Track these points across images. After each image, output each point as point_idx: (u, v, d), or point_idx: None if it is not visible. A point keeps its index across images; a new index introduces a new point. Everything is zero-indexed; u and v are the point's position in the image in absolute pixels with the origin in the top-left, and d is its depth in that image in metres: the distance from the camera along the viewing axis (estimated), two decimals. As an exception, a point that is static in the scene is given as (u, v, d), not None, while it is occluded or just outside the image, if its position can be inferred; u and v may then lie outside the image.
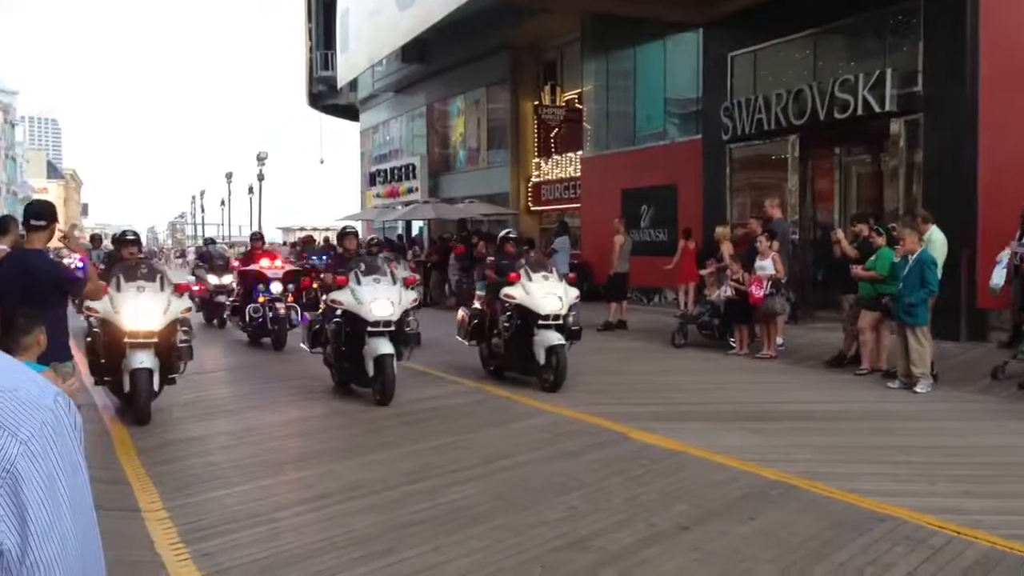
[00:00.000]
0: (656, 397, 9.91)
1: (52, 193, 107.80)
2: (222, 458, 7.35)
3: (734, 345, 12.95)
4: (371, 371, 9.32)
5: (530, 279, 10.50)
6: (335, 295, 9.79)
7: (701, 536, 5.30)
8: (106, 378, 8.93)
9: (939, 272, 10.04)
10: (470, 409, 9.41)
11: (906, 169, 14.35)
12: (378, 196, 35.32)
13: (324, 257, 17.47)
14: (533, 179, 26.96)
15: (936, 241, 10.36)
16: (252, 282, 15.17)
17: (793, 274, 14.37)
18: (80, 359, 8.82)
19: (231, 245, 49.93)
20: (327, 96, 39.99)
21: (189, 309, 9.30)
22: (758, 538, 5.22)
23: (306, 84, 41.73)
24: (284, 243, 57.36)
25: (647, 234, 20.34)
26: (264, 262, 15.44)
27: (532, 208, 27.00)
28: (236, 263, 17.66)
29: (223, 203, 55.17)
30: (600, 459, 7.08)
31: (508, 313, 10.49)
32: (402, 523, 5.54)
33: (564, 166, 25.57)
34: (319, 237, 41.94)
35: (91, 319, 9.26)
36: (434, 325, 14.07)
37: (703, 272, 15.04)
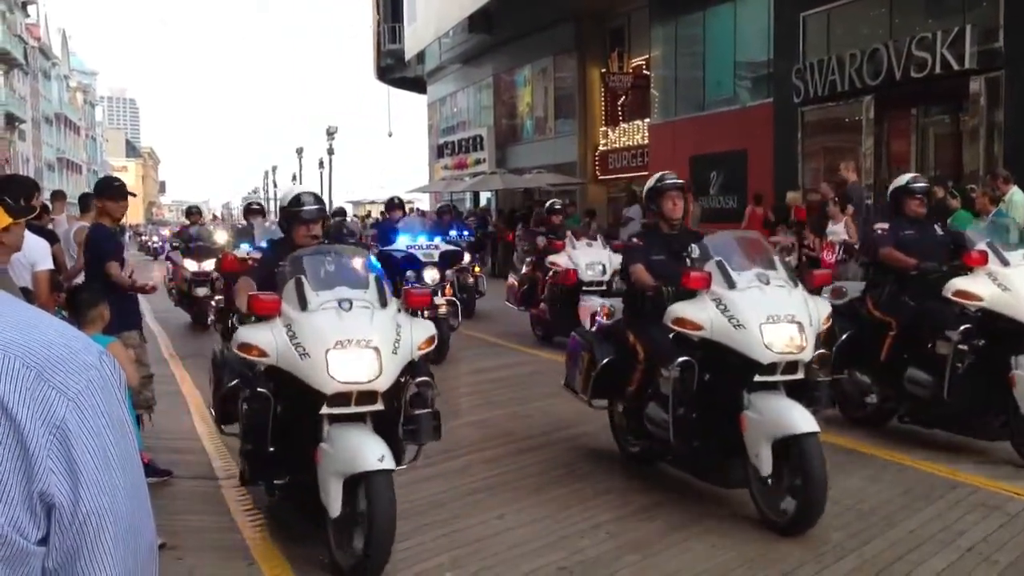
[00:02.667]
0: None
1: (131, 171, 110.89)
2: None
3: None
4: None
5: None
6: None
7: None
8: (276, 481, 4.94)
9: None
10: (529, 379, 9.44)
11: (986, 129, 13.84)
12: (446, 168, 35.46)
13: (465, 232, 16.64)
14: (600, 148, 26.74)
15: (1018, 203, 10.00)
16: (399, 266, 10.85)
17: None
18: (195, 401, 8.45)
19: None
20: (395, 69, 40.15)
21: (431, 340, 4.85)
22: (829, 506, 5.15)
23: (374, 58, 41.95)
24: (356, 216, 57.99)
25: (716, 201, 20.05)
26: (405, 237, 11.54)
27: (600, 177, 26.79)
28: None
29: (294, 178, 55.95)
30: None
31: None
32: (466, 491, 5.62)
33: (631, 134, 25.29)
34: (377, 211, 42.17)
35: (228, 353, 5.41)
36: (499, 296, 13.84)
37: (773, 240, 14.78)
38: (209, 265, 13.08)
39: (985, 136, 13.87)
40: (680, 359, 5.14)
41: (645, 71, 24.31)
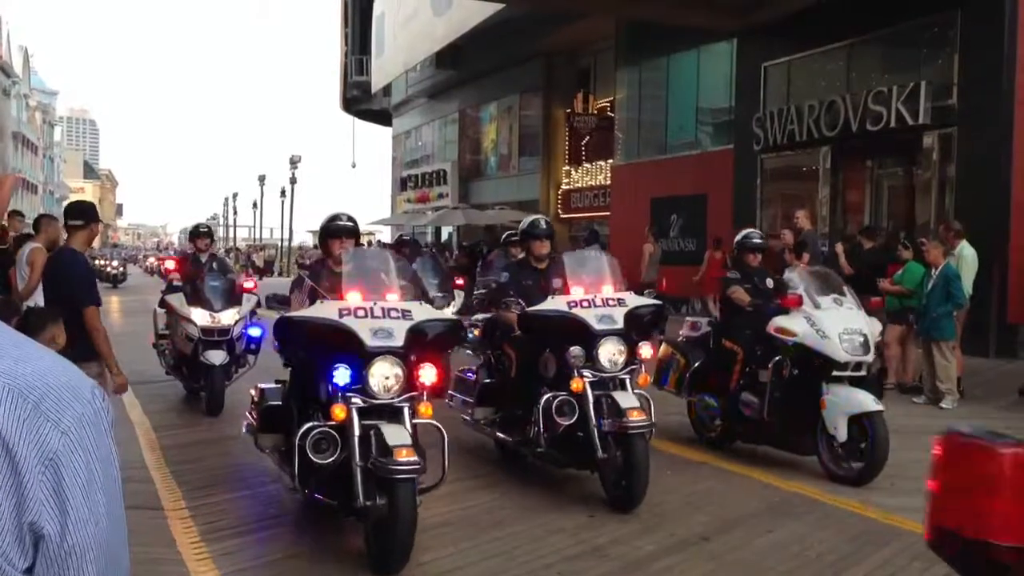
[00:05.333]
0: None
1: (88, 193, 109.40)
2: (245, 459, 7.41)
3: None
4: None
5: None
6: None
7: (720, 546, 5.29)
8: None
9: (968, 287, 9.93)
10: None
11: (938, 183, 14.20)
12: (409, 201, 35.49)
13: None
14: (563, 187, 26.97)
15: (967, 256, 10.25)
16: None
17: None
18: (144, 428, 8.29)
19: (261, 247, 49.66)
20: (361, 101, 40.27)
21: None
22: (776, 551, 5.20)
23: (340, 88, 42.05)
24: (315, 246, 57.59)
25: (676, 243, 20.28)
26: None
27: (562, 216, 27.00)
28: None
29: (255, 205, 55.65)
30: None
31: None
32: (423, 526, 5.57)
33: (594, 174, 25.56)
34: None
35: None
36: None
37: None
38: (229, 316, 9.17)
39: (937, 190, 14.22)
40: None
41: (610, 112, 24.64)
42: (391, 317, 5.03)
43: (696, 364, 7.80)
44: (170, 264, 11.29)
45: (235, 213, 71.79)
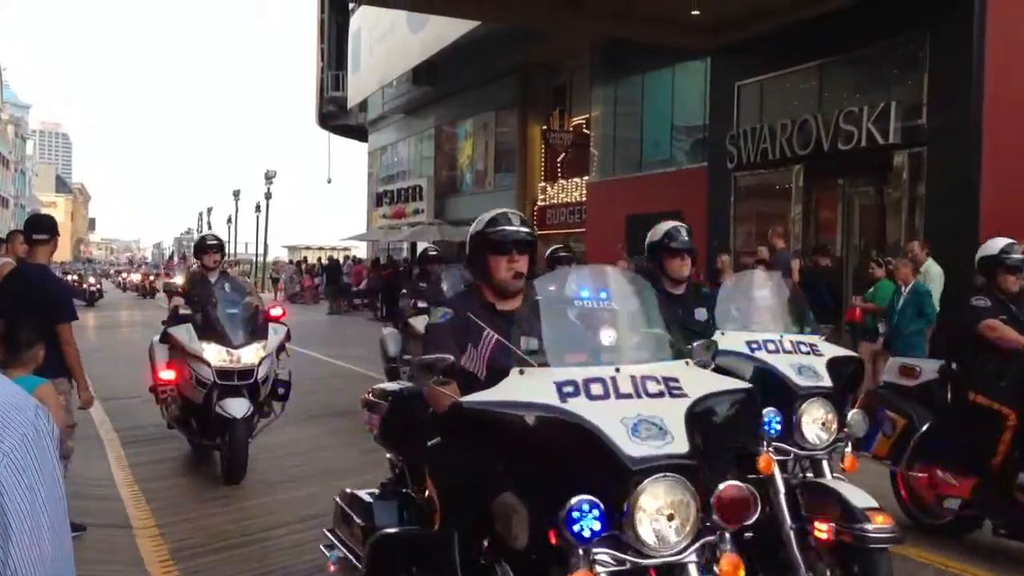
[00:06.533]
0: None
1: (60, 207, 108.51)
2: (215, 477, 7.34)
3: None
4: None
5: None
6: None
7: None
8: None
9: (936, 304, 10.05)
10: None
11: (908, 202, 14.37)
12: (384, 217, 35.45)
13: None
14: (539, 203, 27.04)
15: (933, 273, 10.37)
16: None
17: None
18: (114, 445, 7.97)
19: (235, 262, 49.19)
20: (336, 116, 40.24)
21: None
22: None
23: (316, 104, 41.99)
24: (291, 261, 57.23)
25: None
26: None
27: (537, 232, 27.05)
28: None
29: (230, 220, 55.32)
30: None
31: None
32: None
33: (570, 191, 25.66)
34: (314, 257, 41.20)
35: None
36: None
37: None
38: (252, 354, 7.22)
39: (907, 209, 14.38)
40: None
41: (585, 130, 24.76)
42: (650, 394, 2.76)
43: (925, 427, 5.83)
44: (178, 282, 9.20)
45: (209, 228, 71.40)
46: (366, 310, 27.34)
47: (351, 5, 35.75)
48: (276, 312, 7.95)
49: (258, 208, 46.65)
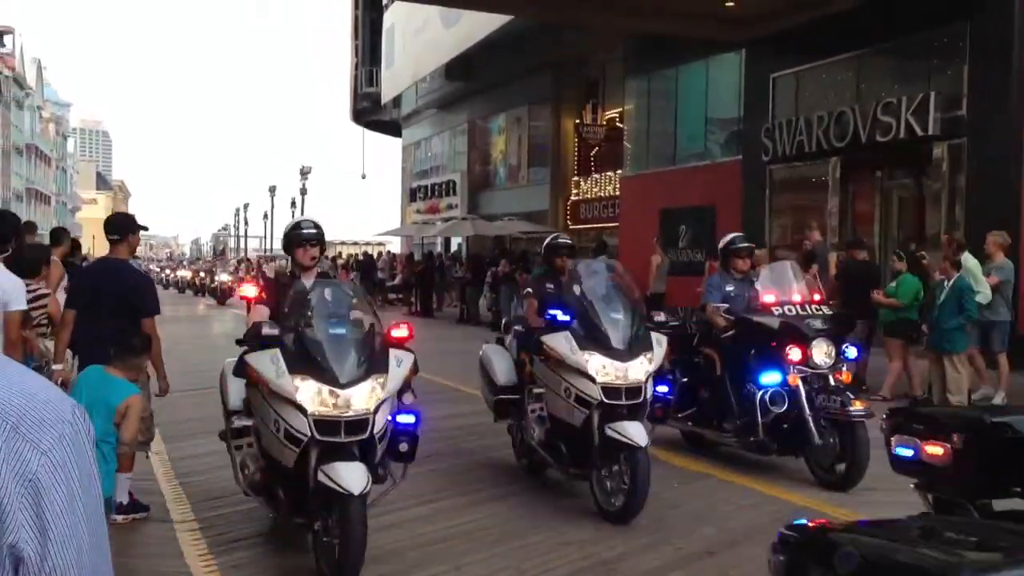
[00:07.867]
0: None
1: (100, 204, 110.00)
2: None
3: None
4: None
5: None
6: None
7: (727, 560, 5.27)
8: None
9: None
10: (496, 427, 9.37)
11: (948, 194, 14.17)
12: (418, 212, 35.59)
13: None
14: (572, 198, 26.98)
15: (971, 267, 10.22)
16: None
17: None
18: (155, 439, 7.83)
19: (272, 258, 49.52)
20: (371, 112, 40.42)
21: None
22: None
23: (350, 100, 42.23)
24: (326, 256, 57.27)
25: (685, 254, 20.26)
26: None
27: (570, 227, 26.99)
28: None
29: (266, 216, 55.84)
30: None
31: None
32: (426, 541, 5.57)
33: (603, 185, 25.57)
34: (347, 252, 41.08)
35: None
36: (465, 339, 14.08)
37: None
38: (364, 397, 4.78)
39: (947, 201, 14.18)
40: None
41: (619, 123, 24.66)
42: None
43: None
44: (250, 291, 6.78)
45: (246, 224, 72.05)
46: (400, 304, 27.45)
47: (384, 2, 35.91)
48: (400, 333, 5.13)
49: (293, 204, 47.03)
